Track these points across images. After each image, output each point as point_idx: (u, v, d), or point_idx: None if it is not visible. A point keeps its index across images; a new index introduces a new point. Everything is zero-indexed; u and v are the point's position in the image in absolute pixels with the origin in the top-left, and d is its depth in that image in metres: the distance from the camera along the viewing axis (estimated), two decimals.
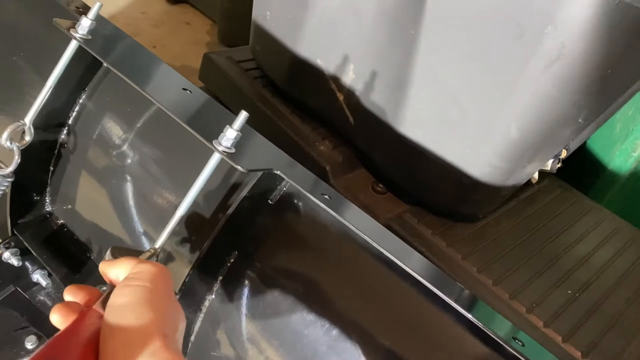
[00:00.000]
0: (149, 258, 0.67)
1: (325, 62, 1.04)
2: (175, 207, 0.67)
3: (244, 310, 0.73)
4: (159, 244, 0.67)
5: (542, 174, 1.15)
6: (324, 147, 1.10)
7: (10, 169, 0.77)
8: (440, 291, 0.59)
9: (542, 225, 1.08)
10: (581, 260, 1.03)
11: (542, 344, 0.62)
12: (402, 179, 1.02)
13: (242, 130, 0.64)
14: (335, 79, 1.04)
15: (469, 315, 0.58)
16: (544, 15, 0.73)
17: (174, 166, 0.84)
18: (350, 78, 1.01)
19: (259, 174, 0.69)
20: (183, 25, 2.20)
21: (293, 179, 0.68)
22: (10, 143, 0.78)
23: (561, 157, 1.06)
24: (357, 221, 0.65)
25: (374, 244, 0.62)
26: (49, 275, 0.98)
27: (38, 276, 0.97)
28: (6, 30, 0.99)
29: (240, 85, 1.19)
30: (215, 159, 0.65)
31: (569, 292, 0.95)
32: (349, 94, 1.03)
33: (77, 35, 0.75)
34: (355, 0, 0.94)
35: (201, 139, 0.66)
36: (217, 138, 0.65)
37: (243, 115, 0.65)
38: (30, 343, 0.91)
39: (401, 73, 0.91)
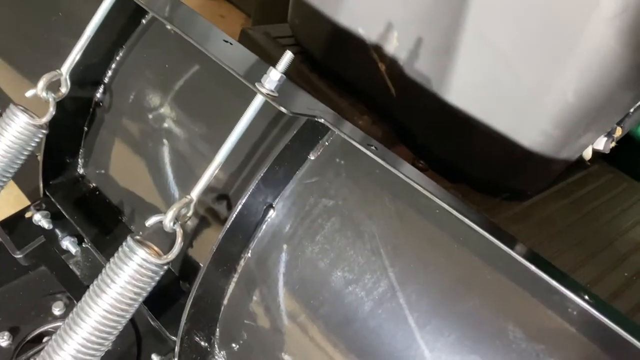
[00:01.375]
0: (185, 207, 0.64)
1: (367, 31, 1.01)
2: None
3: (281, 268, 0.69)
4: (196, 192, 0.64)
5: (594, 155, 1.09)
6: (362, 122, 1.06)
7: (45, 119, 0.75)
8: (502, 243, 0.54)
9: (593, 208, 1.02)
10: (637, 245, 0.96)
11: None
12: (446, 152, 0.97)
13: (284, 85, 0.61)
14: (377, 48, 1.00)
15: (536, 269, 0.53)
16: None
17: (211, 124, 0.81)
18: (394, 46, 0.97)
19: (303, 120, 0.66)
20: (218, 18, 2.21)
21: (339, 129, 0.64)
22: (46, 94, 0.75)
23: (615, 135, 1.00)
24: (405, 171, 0.61)
25: (430, 195, 0.58)
26: (79, 243, 0.96)
27: (67, 243, 0.95)
28: None
29: (277, 59, 1.15)
30: (258, 101, 0.62)
31: (626, 274, 0.89)
32: (392, 63, 0.99)
33: None
34: None
35: (244, 81, 0.63)
36: (259, 81, 0.62)
37: (288, 55, 0.61)
38: (57, 309, 0.88)
39: (449, 37, 0.87)
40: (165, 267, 0.62)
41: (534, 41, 0.78)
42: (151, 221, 0.63)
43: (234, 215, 0.67)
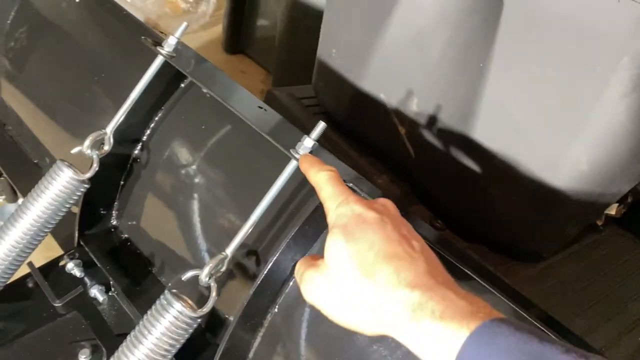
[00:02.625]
0: (220, 263, 0.68)
1: (388, 96, 1.07)
2: (239, 227, 0.68)
3: (307, 324, 0.72)
4: (230, 249, 0.67)
5: (606, 220, 1.12)
6: (381, 181, 1.11)
7: (88, 175, 0.80)
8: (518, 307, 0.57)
9: (607, 271, 1.05)
10: None
11: None
12: (464, 213, 1.01)
13: (316, 151, 0.66)
14: (398, 113, 1.06)
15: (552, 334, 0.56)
16: (619, 48, 0.74)
17: (241, 184, 0.86)
18: (413, 111, 1.03)
19: None
20: (239, 73, 2.30)
21: (364, 192, 0.69)
22: (91, 151, 0.81)
23: (627, 201, 1.03)
24: (429, 235, 0.65)
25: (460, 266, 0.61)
26: (106, 291, 0.99)
27: (96, 291, 0.98)
28: (91, 52, 1.05)
29: (301, 119, 1.22)
30: (292, 166, 0.67)
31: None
32: (411, 127, 1.04)
33: (163, 52, 0.80)
34: (423, 35, 0.97)
35: (280, 147, 0.68)
36: (293, 147, 0.67)
37: (321, 125, 0.66)
38: (84, 356, 0.91)
39: (467, 105, 0.92)
40: (199, 319, 0.66)
41: (549, 113, 0.83)
42: (187, 275, 0.67)
43: (265, 272, 0.70)
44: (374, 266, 0.46)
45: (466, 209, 1.00)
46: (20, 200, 1.43)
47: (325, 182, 0.56)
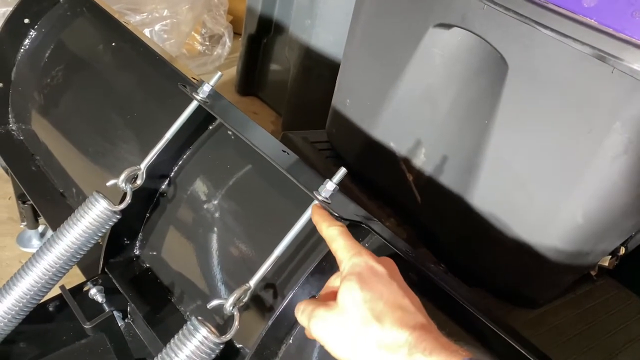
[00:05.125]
0: (244, 294, 0.73)
1: (398, 145, 1.14)
2: (258, 261, 0.73)
3: (316, 356, 0.77)
4: (254, 280, 0.73)
5: (600, 271, 1.18)
6: (389, 224, 1.17)
7: (122, 206, 0.86)
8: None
9: (599, 321, 1.10)
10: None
11: None
12: (465, 258, 1.07)
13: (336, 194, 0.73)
14: (406, 161, 1.13)
15: None
16: (612, 113, 0.82)
17: (261, 223, 0.92)
18: (421, 161, 1.10)
19: (347, 224, 0.76)
20: (251, 114, 2.39)
21: (379, 233, 0.75)
22: (125, 184, 0.87)
23: (619, 254, 1.09)
24: (444, 280, 0.71)
25: (466, 305, 0.67)
26: (123, 318, 1.04)
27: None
28: (123, 93, 1.13)
29: (314, 162, 1.29)
30: None
31: None
32: (419, 175, 1.11)
33: (198, 97, 0.87)
34: (433, 92, 1.05)
35: (304, 189, 0.74)
36: (316, 189, 0.73)
37: (342, 171, 0.73)
38: None
39: (471, 158, 1.00)
40: (222, 346, 0.71)
41: (547, 169, 0.90)
42: (213, 304, 0.72)
43: (284, 305, 0.76)
44: (383, 313, 0.55)
45: (467, 254, 1.07)
46: (40, 228, 1.49)
47: (337, 235, 0.64)
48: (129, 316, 1.03)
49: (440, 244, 1.12)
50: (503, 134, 0.94)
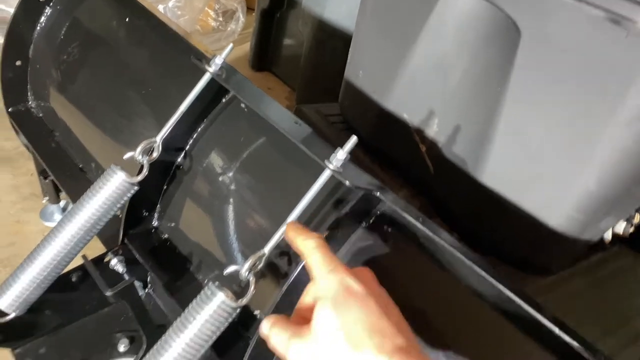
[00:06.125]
0: (258, 260, 0.75)
1: (411, 116, 1.15)
2: (271, 230, 0.75)
3: None
4: (268, 247, 0.75)
5: (614, 239, 1.18)
6: (401, 194, 1.18)
7: (139, 178, 0.88)
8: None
9: (613, 287, 1.10)
10: None
11: None
12: (478, 227, 1.08)
13: (347, 163, 0.74)
14: (419, 132, 1.13)
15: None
16: (627, 78, 0.81)
17: (274, 193, 0.93)
18: (434, 131, 1.11)
19: (360, 193, 0.77)
20: (265, 89, 2.39)
21: (389, 201, 0.76)
22: (142, 156, 0.89)
23: (634, 221, 1.09)
24: (445, 239, 0.72)
25: (467, 261, 0.68)
26: (144, 287, 1.07)
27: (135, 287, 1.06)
28: (138, 68, 1.15)
29: (327, 134, 1.30)
30: (326, 175, 0.74)
31: None
32: (432, 145, 1.12)
33: (211, 70, 0.89)
34: (445, 61, 1.05)
35: (315, 158, 0.75)
36: (327, 159, 0.75)
37: (353, 139, 0.74)
38: (122, 346, 0.98)
39: (484, 127, 1.00)
40: (238, 309, 0.73)
41: (560, 137, 0.90)
42: (229, 270, 0.74)
43: (297, 270, 0.78)
44: (360, 340, 0.52)
45: (480, 223, 1.07)
46: (62, 203, 1.53)
47: (313, 249, 0.61)
48: (149, 285, 1.06)
49: (453, 214, 1.13)
50: (515, 101, 0.94)
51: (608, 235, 1.09)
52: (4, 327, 0.88)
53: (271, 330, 0.59)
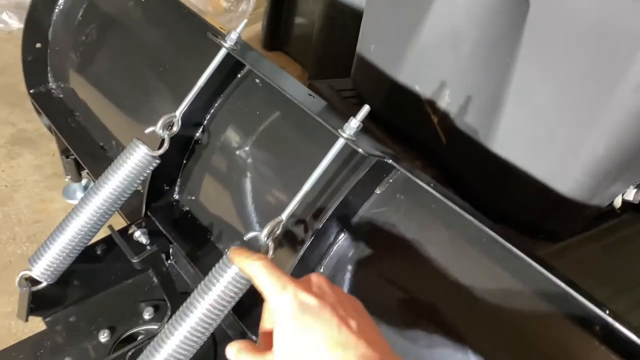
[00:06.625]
0: (277, 226, 0.78)
1: (423, 88, 1.17)
2: (288, 199, 0.77)
3: (347, 283, 0.82)
4: (285, 214, 0.78)
5: (624, 206, 1.20)
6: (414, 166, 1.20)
7: (161, 151, 0.91)
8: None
9: (623, 253, 1.12)
10: None
11: None
12: (490, 195, 1.10)
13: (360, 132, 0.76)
14: (431, 103, 1.15)
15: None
16: (634, 44, 0.82)
17: (290, 163, 0.96)
18: (446, 102, 1.13)
19: (373, 161, 0.80)
20: None
21: (402, 168, 0.79)
22: (162, 131, 0.93)
23: None
24: (458, 204, 0.74)
25: (478, 223, 0.71)
26: (166, 258, 1.11)
27: None
28: (155, 46, 1.18)
29: (340, 109, 1.32)
30: (339, 143, 0.76)
31: None
32: (444, 116, 1.14)
33: (226, 45, 0.91)
34: (455, 33, 1.06)
35: (329, 127, 0.78)
36: (341, 128, 0.77)
37: (366, 108, 0.76)
38: (147, 314, 1.03)
39: (495, 97, 1.02)
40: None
41: (569, 103, 0.91)
42: (249, 236, 0.78)
43: (313, 237, 0.81)
44: (322, 358, 0.51)
45: (492, 191, 1.10)
46: (84, 181, 1.58)
47: (259, 269, 0.59)
48: (171, 257, 1.11)
49: (465, 183, 1.15)
50: (525, 70, 0.96)
51: (618, 202, 1.11)
52: (37, 296, 0.93)
53: (237, 357, 0.58)
